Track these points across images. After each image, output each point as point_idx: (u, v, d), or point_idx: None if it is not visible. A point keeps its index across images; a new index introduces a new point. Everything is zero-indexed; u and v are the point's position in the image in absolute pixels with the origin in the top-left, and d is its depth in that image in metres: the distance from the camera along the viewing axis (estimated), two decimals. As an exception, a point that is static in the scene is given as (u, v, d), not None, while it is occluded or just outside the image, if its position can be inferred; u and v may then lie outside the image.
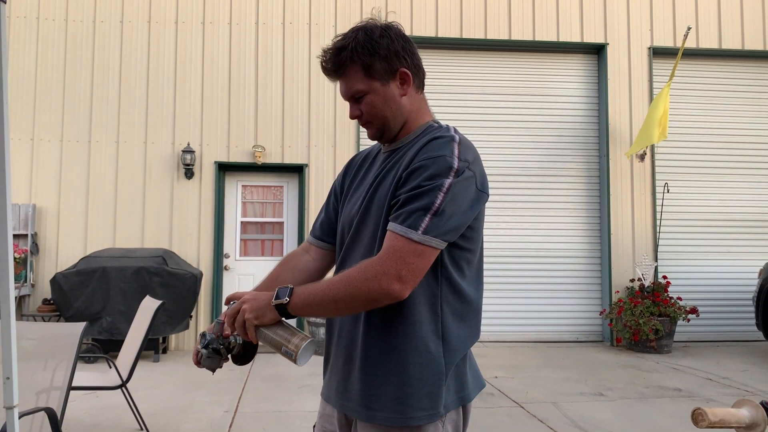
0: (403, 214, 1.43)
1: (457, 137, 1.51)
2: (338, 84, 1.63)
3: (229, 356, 1.56)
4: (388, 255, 1.41)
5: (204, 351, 1.54)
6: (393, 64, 1.57)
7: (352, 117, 1.64)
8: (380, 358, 1.51)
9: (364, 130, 1.71)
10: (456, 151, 1.47)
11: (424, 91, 1.70)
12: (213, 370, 1.57)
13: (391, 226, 1.44)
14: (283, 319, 1.49)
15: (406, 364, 1.49)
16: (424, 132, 1.61)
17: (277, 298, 1.46)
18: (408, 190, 1.45)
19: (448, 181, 1.42)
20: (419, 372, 1.48)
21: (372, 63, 1.54)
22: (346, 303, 1.43)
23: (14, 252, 7.55)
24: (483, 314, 8.27)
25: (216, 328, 1.56)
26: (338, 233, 1.75)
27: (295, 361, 1.44)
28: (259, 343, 1.55)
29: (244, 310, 1.47)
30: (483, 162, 1.57)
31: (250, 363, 1.61)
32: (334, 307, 1.46)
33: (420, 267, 1.42)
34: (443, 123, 1.66)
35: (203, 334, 1.56)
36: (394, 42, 1.57)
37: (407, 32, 1.64)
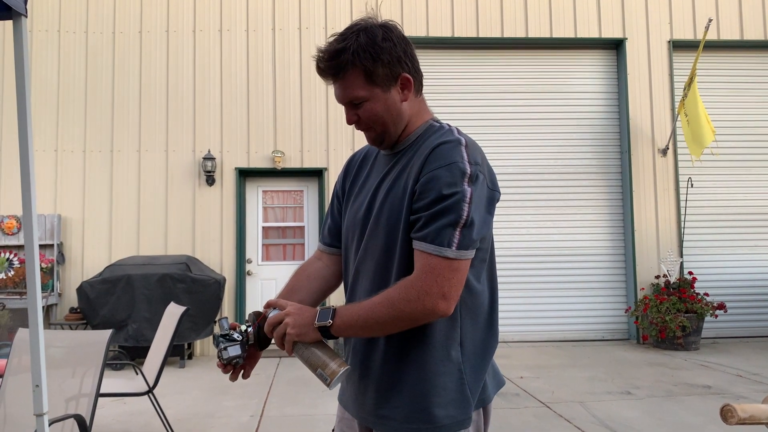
0: (431, 232, 1.39)
1: (462, 140, 1.47)
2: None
3: (249, 334, 1.51)
4: (426, 274, 1.38)
5: (223, 340, 1.49)
6: (395, 70, 1.50)
7: (349, 122, 1.58)
8: (401, 369, 1.49)
9: None
10: (465, 155, 1.42)
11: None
12: (237, 363, 1.50)
13: (421, 245, 1.40)
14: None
15: (428, 373, 1.46)
16: (426, 132, 1.57)
17: (320, 319, 1.44)
18: (428, 204, 1.40)
19: (468, 191, 1.39)
20: (442, 381, 1.46)
21: (374, 69, 1.48)
22: (391, 324, 1.41)
23: (41, 262, 7.68)
24: (507, 314, 8.12)
25: (225, 324, 1.53)
26: (343, 235, 1.72)
27: (328, 386, 1.42)
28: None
29: (287, 324, 1.44)
30: (504, 161, 1.54)
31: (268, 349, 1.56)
32: (379, 329, 1.44)
33: (460, 280, 1.40)
34: (444, 122, 1.61)
35: (215, 335, 1.53)
36: (397, 46, 1.50)
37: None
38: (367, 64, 1.47)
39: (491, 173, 1.50)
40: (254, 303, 8.37)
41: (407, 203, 1.47)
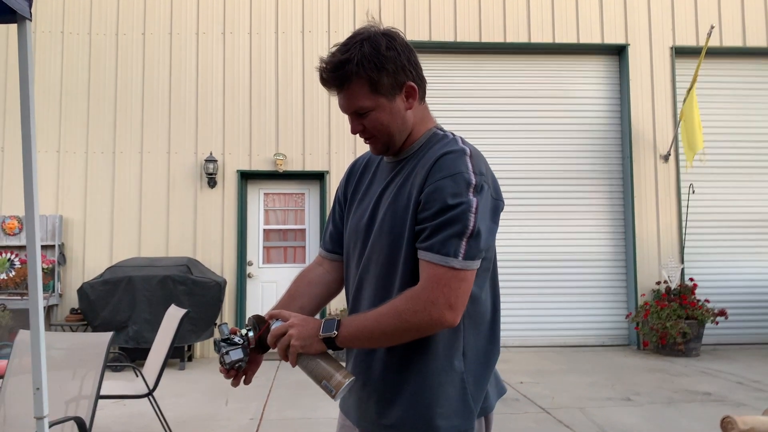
0: (437, 242, 1.37)
1: (467, 149, 1.46)
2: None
3: (251, 338, 1.50)
4: (432, 285, 1.37)
5: (224, 344, 1.48)
6: (400, 78, 1.49)
7: (354, 132, 1.56)
8: (403, 379, 1.48)
9: None
10: (470, 165, 1.42)
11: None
12: (240, 366, 1.49)
13: (427, 255, 1.39)
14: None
15: (431, 383, 1.45)
16: (429, 141, 1.56)
17: (324, 330, 1.42)
18: (433, 215, 1.39)
19: (474, 201, 1.38)
20: (445, 390, 1.45)
21: (379, 78, 1.46)
22: (397, 335, 1.40)
23: (42, 263, 7.68)
24: (508, 319, 8.09)
25: (225, 330, 1.51)
26: (345, 242, 1.71)
27: (333, 397, 1.41)
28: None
29: (291, 335, 1.42)
30: (506, 167, 1.53)
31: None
32: (385, 340, 1.43)
33: (466, 290, 1.39)
34: (447, 130, 1.60)
35: (216, 341, 1.51)
36: (401, 55, 1.48)
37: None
38: (372, 74, 1.46)
39: (495, 183, 1.49)
40: (255, 305, 8.37)
41: (411, 213, 1.45)
